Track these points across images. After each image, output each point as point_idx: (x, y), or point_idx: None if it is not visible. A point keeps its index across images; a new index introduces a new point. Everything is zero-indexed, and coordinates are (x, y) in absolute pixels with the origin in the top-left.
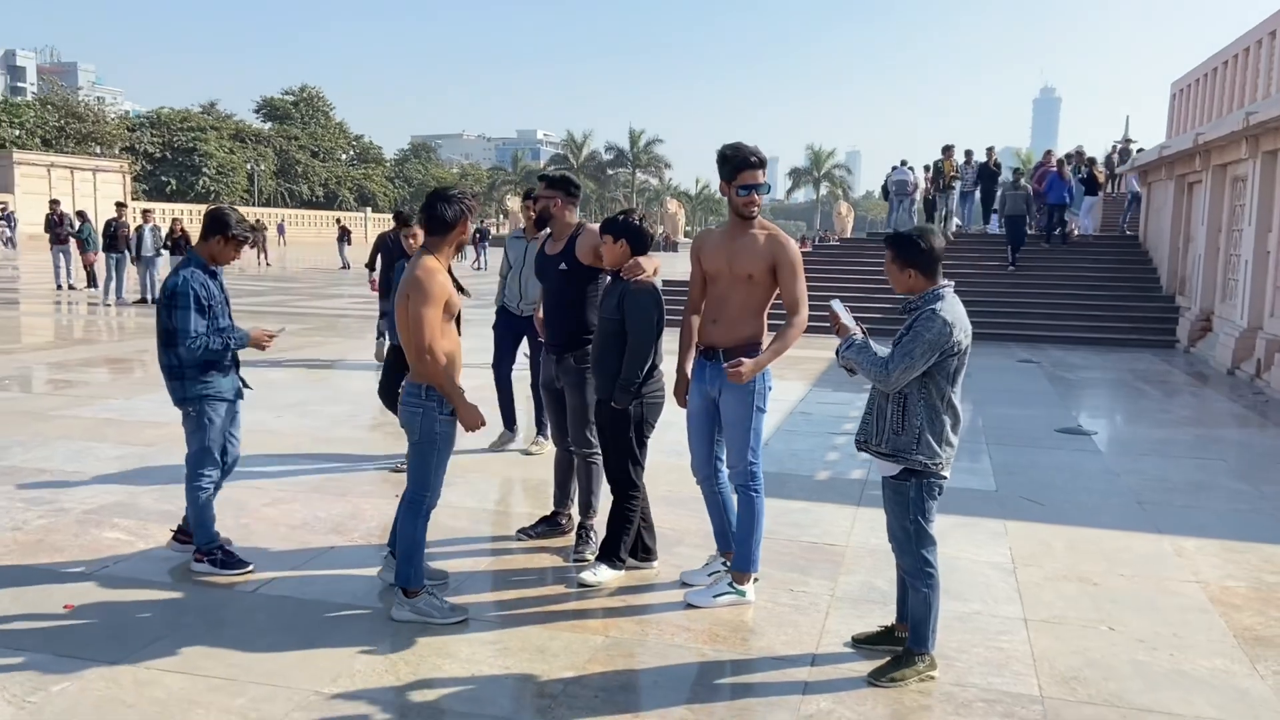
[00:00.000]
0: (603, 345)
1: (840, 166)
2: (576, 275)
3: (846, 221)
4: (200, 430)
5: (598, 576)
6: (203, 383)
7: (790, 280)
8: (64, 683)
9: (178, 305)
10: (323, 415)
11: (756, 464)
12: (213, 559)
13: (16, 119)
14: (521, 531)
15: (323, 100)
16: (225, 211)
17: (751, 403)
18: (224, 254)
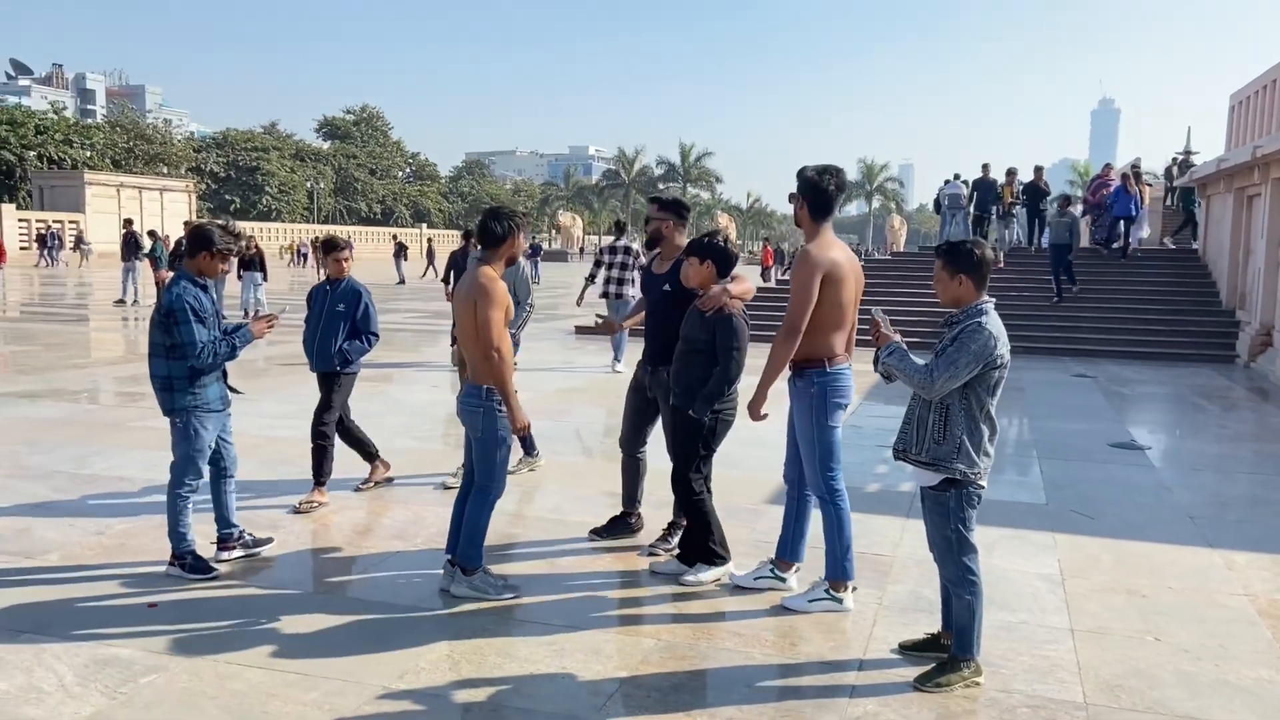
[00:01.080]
0: (685, 360)
1: (893, 180)
2: (679, 296)
3: (899, 235)
4: (186, 441)
5: (699, 576)
6: (191, 394)
7: (791, 291)
8: (151, 675)
9: (177, 321)
10: (383, 427)
11: (833, 476)
12: (183, 564)
13: (87, 141)
14: (593, 531)
15: (382, 119)
16: (208, 228)
17: (811, 418)
18: (211, 268)
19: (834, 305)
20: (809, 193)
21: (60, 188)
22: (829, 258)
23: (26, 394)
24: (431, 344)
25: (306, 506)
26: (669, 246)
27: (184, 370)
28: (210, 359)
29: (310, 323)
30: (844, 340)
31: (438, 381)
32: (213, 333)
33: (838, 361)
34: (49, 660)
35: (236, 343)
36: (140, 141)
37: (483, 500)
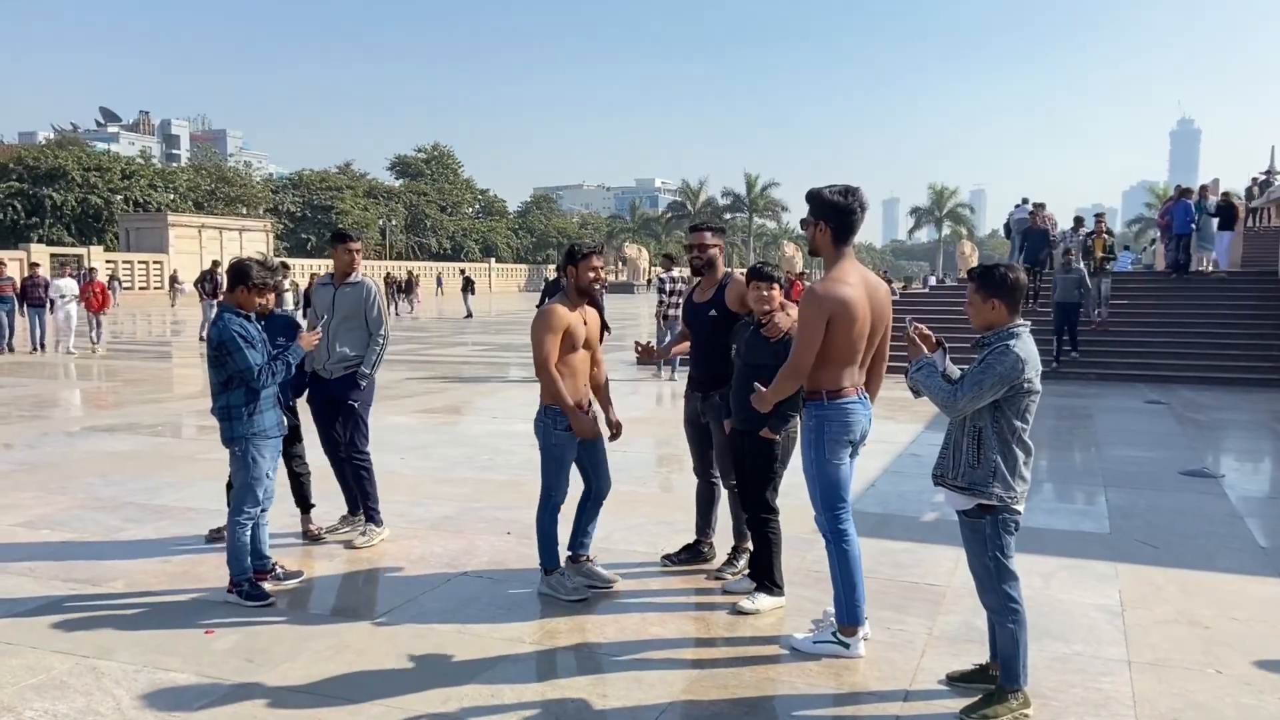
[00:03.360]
0: (748, 383)
1: (963, 205)
2: (725, 321)
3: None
4: (244, 469)
5: (755, 604)
6: (250, 422)
7: (797, 329)
8: (205, 699)
9: (229, 351)
10: (443, 458)
11: (838, 516)
12: (240, 590)
13: (171, 184)
14: (666, 558)
15: (452, 157)
16: (245, 263)
17: (811, 456)
18: (248, 302)
19: (841, 343)
20: (831, 216)
21: (145, 229)
22: (837, 297)
23: (105, 428)
24: (497, 375)
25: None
26: (713, 273)
27: (240, 399)
28: (269, 379)
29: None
30: (853, 373)
31: (498, 413)
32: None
33: (842, 395)
34: (108, 684)
35: (290, 359)
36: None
37: (543, 506)
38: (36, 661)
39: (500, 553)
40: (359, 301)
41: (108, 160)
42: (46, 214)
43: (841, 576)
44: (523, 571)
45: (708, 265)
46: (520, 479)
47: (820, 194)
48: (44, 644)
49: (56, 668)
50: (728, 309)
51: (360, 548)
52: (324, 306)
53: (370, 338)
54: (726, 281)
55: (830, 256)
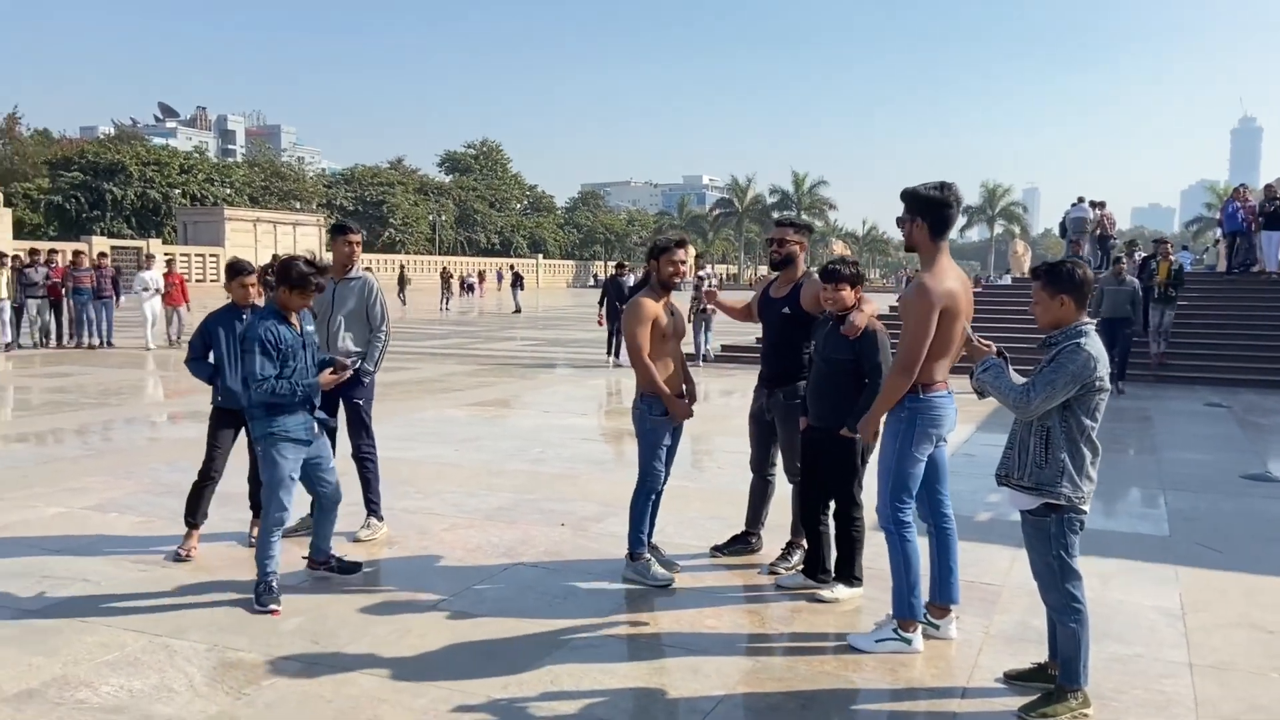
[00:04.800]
0: (828, 379)
1: (1016, 204)
2: (798, 320)
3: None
4: (268, 468)
5: (835, 594)
6: (269, 421)
7: (907, 326)
8: (272, 678)
9: (246, 350)
10: (496, 450)
11: (903, 509)
12: (257, 593)
13: (228, 179)
14: (714, 548)
15: (501, 153)
16: (290, 262)
17: (896, 445)
18: (289, 301)
19: (944, 337)
20: (930, 211)
21: (202, 223)
22: (946, 290)
23: (171, 416)
24: (545, 370)
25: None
26: (792, 270)
27: (260, 397)
28: (267, 394)
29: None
30: (946, 368)
31: (549, 407)
32: (294, 364)
33: (935, 389)
34: (180, 662)
35: (299, 388)
36: (275, 179)
37: (639, 490)
38: (111, 639)
39: (555, 544)
40: (360, 297)
41: (166, 155)
42: (107, 207)
43: (905, 570)
44: (578, 563)
45: (786, 261)
46: (573, 472)
47: (917, 191)
48: (117, 623)
49: (130, 645)
50: (801, 308)
51: (364, 540)
52: (324, 302)
53: (372, 334)
54: (803, 280)
55: (930, 251)
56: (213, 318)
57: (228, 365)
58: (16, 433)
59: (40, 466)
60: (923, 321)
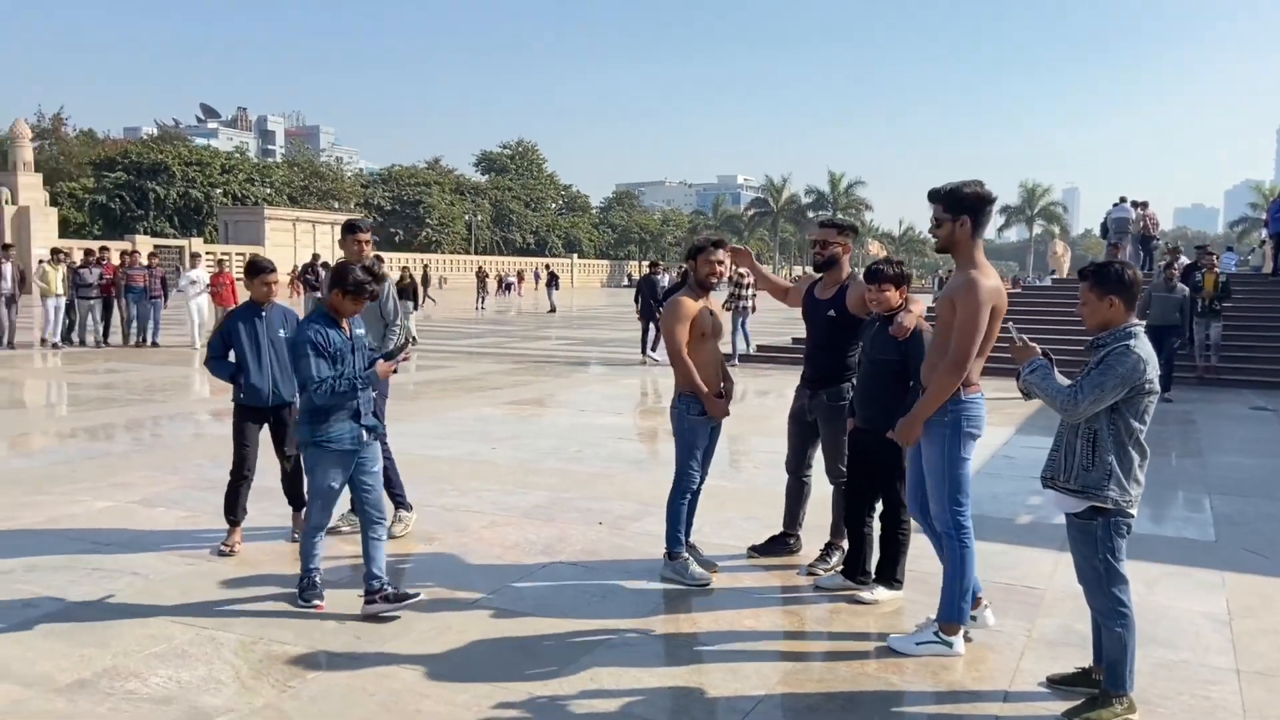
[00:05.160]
0: (876, 381)
1: (1056, 204)
2: (842, 322)
3: (1063, 261)
4: (309, 477)
5: (875, 595)
6: (315, 428)
7: (959, 322)
8: (316, 672)
9: (299, 355)
10: (532, 448)
11: (961, 512)
12: (299, 586)
13: (268, 179)
14: (751, 549)
15: (536, 153)
16: (346, 267)
17: (945, 449)
18: (342, 307)
19: (988, 337)
20: (973, 210)
21: (243, 222)
22: (996, 288)
23: (214, 413)
24: (581, 369)
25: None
26: (837, 271)
27: (307, 403)
28: (327, 395)
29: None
30: (980, 367)
31: (585, 406)
32: (342, 368)
33: (973, 390)
34: (227, 654)
35: (358, 382)
36: (314, 179)
37: (676, 489)
38: (159, 631)
39: (592, 542)
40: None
41: (207, 155)
42: (150, 206)
43: (961, 574)
44: (615, 562)
45: (829, 263)
46: (609, 471)
47: (960, 190)
48: (165, 615)
49: (178, 637)
50: (847, 311)
51: (398, 535)
52: None
53: (386, 329)
54: (849, 283)
55: (970, 250)
56: (232, 316)
57: (249, 363)
58: (65, 428)
59: (87, 461)
60: (975, 319)
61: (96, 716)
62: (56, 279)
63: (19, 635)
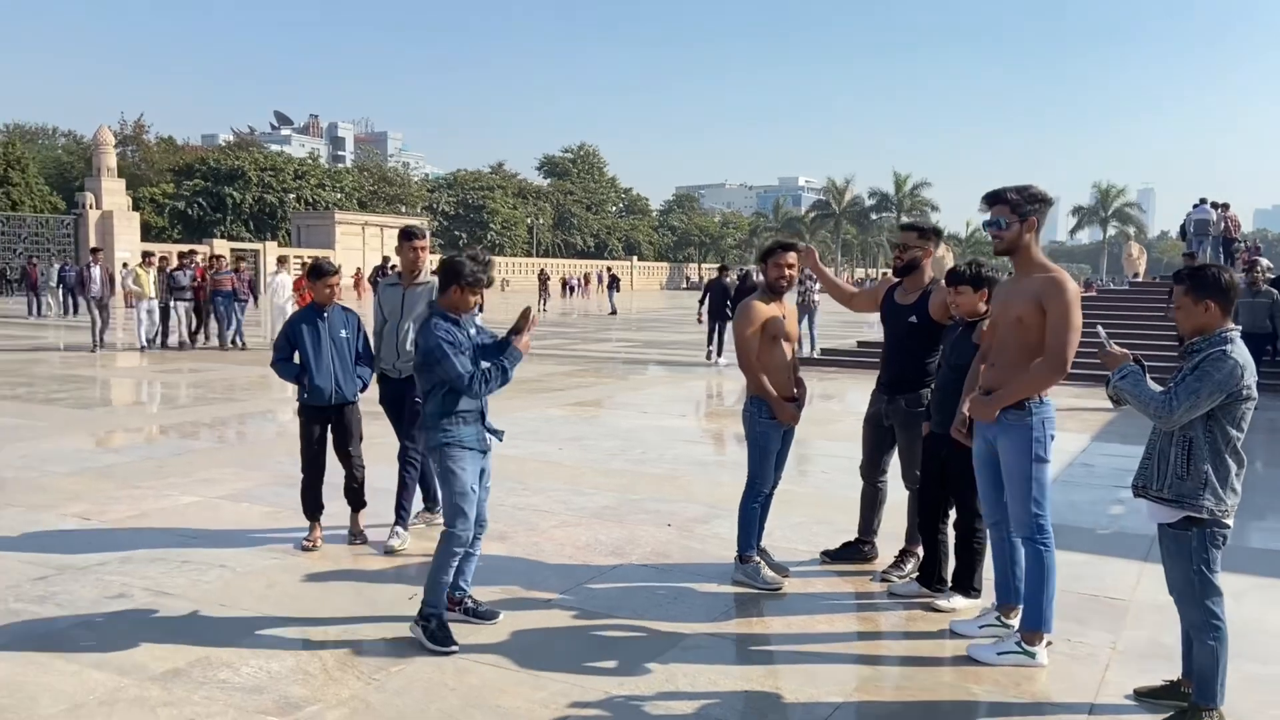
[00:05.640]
0: (953, 387)
1: (1131, 205)
2: (924, 328)
3: (1138, 264)
4: (446, 480)
5: (952, 604)
6: (444, 430)
7: (1055, 326)
8: (400, 666)
9: (438, 360)
10: (599, 449)
11: (1043, 516)
12: (425, 626)
13: (338, 184)
14: (825, 554)
15: (597, 157)
16: (458, 261)
17: (1029, 451)
18: (462, 302)
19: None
20: (1041, 211)
21: (314, 227)
22: (1079, 289)
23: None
24: (642, 372)
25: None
26: (918, 276)
27: (437, 407)
28: (482, 387)
29: (313, 354)
30: None
31: (648, 408)
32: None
33: (1048, 393)
34: (314, 646)
35: (507, 364)
36: (382, 184)
37: (748, 493)
38: (249, 622)
39: (662, 544)
40: (428, 302)
41: (281, 161)
42: (227, 211)
43: (1041, 580)
44: (686, 564)
45: (909, 267)
46: (676, 473)
47: (1028, 190)
48: (254, 606)
49: (266, 628)
50: (930, 317)
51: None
52: (393, 307)
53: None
54: (931, 288)
55: (1035, 252)
56: (296, 318)
57: (312, 363)
58: (153, 426)
59: (174, 458)
60: (1069, 317)
61: (191, 704)
62: (149, 282)
63: (115, 625)
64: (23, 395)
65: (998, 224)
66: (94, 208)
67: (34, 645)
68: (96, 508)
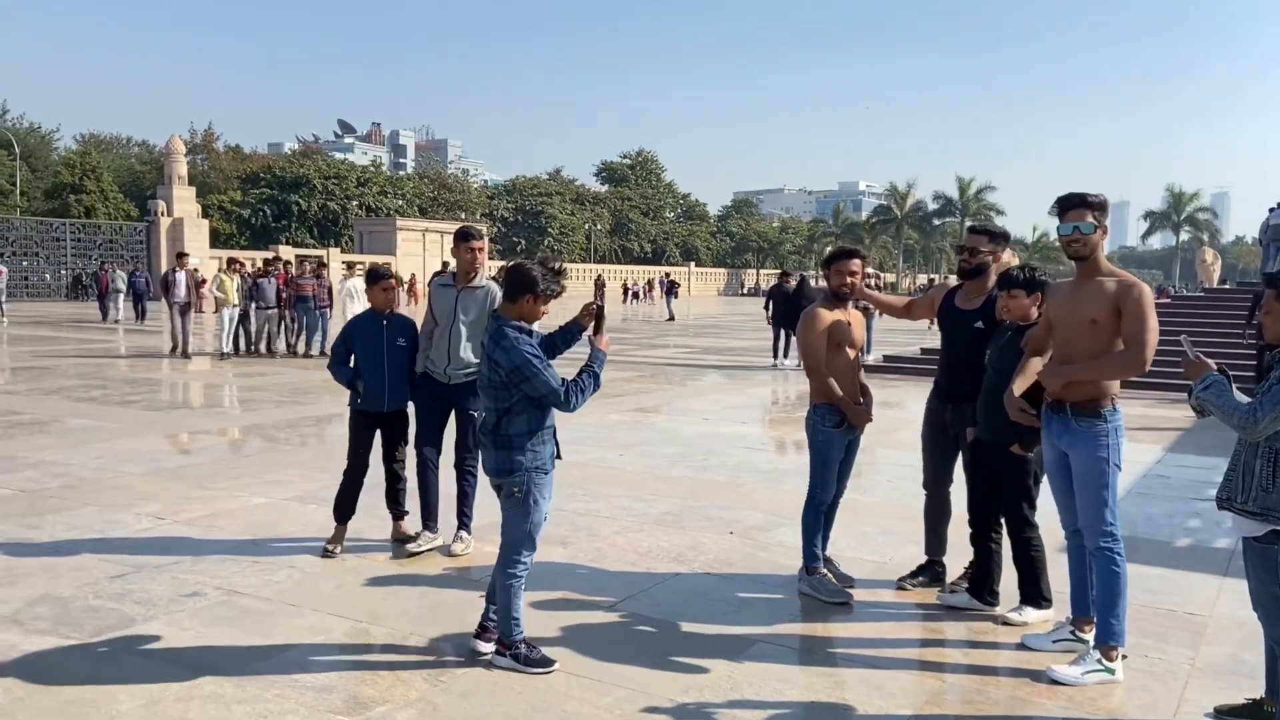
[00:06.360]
0: (999, 393)
1: (1205, 209)
2: (990, 334)
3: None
4: (526, 508)
5: (1023, 617)
6: (533, 452)
7: (1134, 320)
8: (466, 668)
9: (527, 376)
10: (659, 455)
11: (1115, 524)
12: (515, 654)
13: (399, 191)
14: (901, 581)
15: (655, 163)
16: (529, 270)
17: (1105, 458)
18: (533, 312)
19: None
20: (1106, 219)
21: (376, 233)
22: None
23: None
24: (701, 378)
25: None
26: (983, 281)
27: (523, 426)
28: (579, 397)
29: (370, 359)
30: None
31: (709, 414)
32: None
33: (1119, 400)
34: (380, 647)
35: (596, 369)
36: (443, 191)
37: (809, 503)
38: (317, 623)
39: (725, 551)
40: (483, 305)
41: (344, 169)
42: (293, 218)
43: (1116, 592)
44: (749, 571)
45: (976, 271)
46: (738, 480)
47: (1102, 198)
48: (322, 607)
49: (335, 629)
50: (996, 322)
51: (457, 554)
52: (445, 309)
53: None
54: (996, 293)
55: (1102, 257)
56: (354, 322)
57: (368, 369)
58: (225, 428)
59: (244, 460)
60: (1149, 317)
61: (264, 701)
62: (233, 289)
63: (188, 623)
64: (98, 398)
65: (1081, 228)
66: (165, 215)
67: (112, 642)
68: (170, 508)
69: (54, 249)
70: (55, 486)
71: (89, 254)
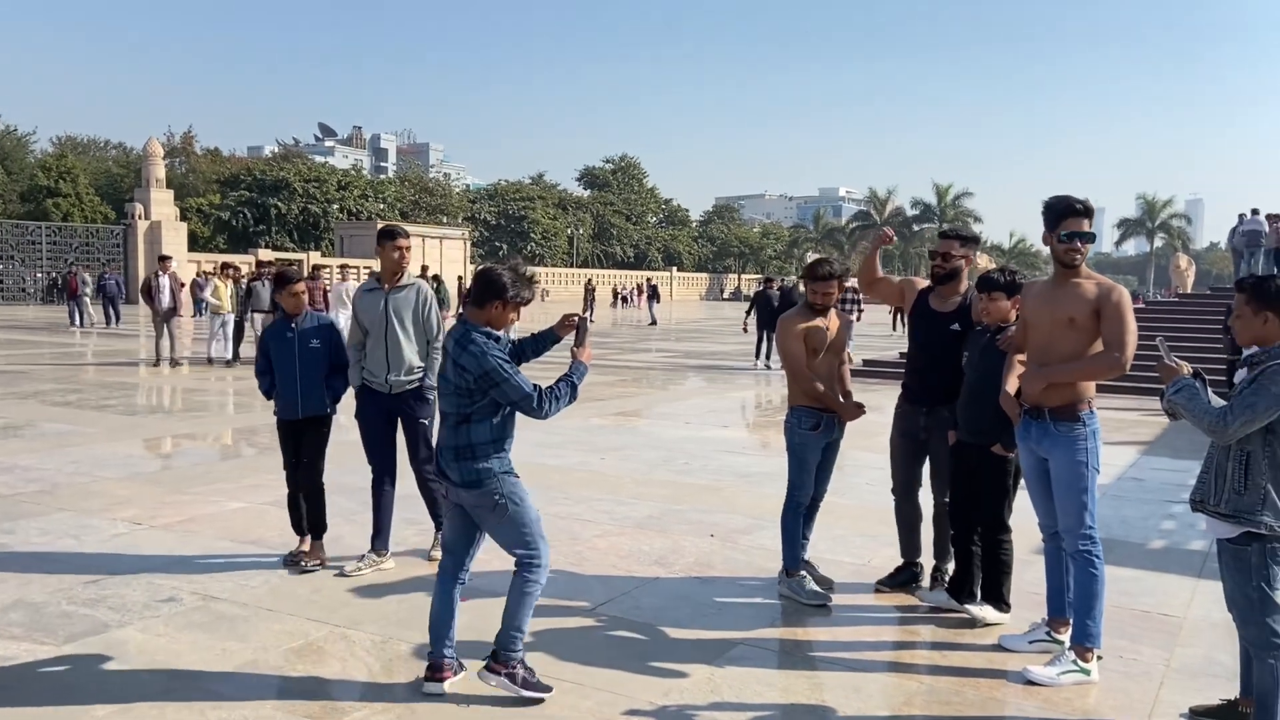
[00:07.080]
0: (980, 396)
1: (1178, 216)
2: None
3: (1186, 276)
4: (511, 514)
5: (982, 613)
6: (499, 458)
7: (1114, 320)
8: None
9: (497, 382)
10: (640, 459)
11: (1094, 527)
12: (511, 674)
13: (380, 194)
14: (879, 585)
15: (638, 168)
16: (499, 276)
17: (1084, 461)
18: (501, 319)
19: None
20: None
21: (357, 236)
22: None
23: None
24: (682, 382)
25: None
26: (956, 284)
27: (485, 434)
28: (553, 404)
29: (283, 366)
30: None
31: (690, 419)
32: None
33: (1095, 404)
34: (359, 652)
35: (575, 379)
36: (424, 194)
37: (787, 505)
38: (295, 628)
39: (705, 554)
40: (414, 306)
41: (325, 172)
42: (272, 221)
43: (1094, 594)
44: (729, 574)
45: (950, 276)
46: (719, 484)
47: (1085, 203)
48: (300, 612)
49: (313, 634)
50: (973, 324)
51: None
52: (374, 315)
53: (429, 346)
54: (971, 295)
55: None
56: (265, 331)
57: (279, 376)
58: (203, 433)
59: (222, 464)
60: (1129, 319)
61: (240, 707)
62: (228, 296)
63: (164, 628)
64: (74, 402)
65: (1086, 236)
66: (143, 218)
67: (86, 647)
68: (146, 513)
69: (30, 252)
70: (30, 491)
71: (65, 257)
